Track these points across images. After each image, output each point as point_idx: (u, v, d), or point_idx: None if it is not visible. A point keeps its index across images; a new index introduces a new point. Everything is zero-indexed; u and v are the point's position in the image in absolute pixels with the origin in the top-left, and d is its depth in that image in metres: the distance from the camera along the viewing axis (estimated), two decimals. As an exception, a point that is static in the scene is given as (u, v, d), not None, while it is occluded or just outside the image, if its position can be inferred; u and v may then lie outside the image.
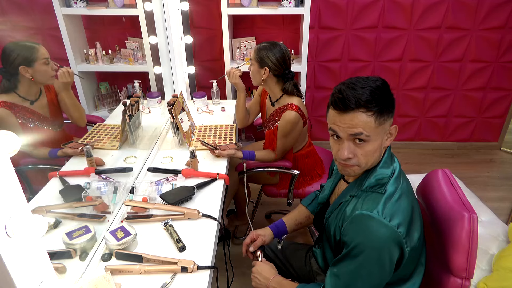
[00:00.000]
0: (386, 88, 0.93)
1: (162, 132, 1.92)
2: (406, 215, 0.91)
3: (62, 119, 1.43)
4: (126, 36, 2.31)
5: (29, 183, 1.22)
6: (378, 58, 2.88)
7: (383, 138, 0.95)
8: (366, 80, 0.92)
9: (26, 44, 1.20)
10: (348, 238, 0.92)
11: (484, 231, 1.75)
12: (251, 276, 1.22)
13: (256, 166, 1.85)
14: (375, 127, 0.90)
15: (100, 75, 2.26)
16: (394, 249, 0.89)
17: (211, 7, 2.66)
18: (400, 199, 0.92)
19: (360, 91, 0.89)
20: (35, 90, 1.27)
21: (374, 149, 0.94)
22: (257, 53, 1.74)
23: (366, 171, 1.00)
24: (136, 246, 1.17)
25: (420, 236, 0.98)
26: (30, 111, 1.24)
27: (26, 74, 1.17)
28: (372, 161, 0.96)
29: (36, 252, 0.69)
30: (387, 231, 0.88)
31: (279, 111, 1.79)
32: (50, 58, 1.25)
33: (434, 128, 3.19)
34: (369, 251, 0.89)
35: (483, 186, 2.77)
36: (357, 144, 0.93)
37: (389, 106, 0.92)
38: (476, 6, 2.66)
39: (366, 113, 0.89)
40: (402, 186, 0.95)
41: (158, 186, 1.45)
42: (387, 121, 0.93)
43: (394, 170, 0.98)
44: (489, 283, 1.45)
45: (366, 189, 0.96)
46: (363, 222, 0.90)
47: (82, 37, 2.01)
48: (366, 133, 0.90)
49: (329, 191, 1.18)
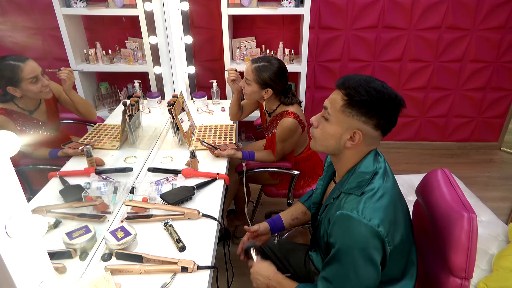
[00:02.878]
0: (381, 99, 0.92)
1: (162, 132, 1.92)
2: (387, 214, 0.91)
3: (59, 121, 1.42)
4: (126, 36, 2.31)
5: (29, 183, 1.22)
6: (378, 58, 2.88)
7: (343, 132, 0.96)
8: (377, 82, 0.96)
9: (10, 63, 1.12)
10: (333, 239, 0.94)
11: (484, 231, 1.75)
12: (250, 277, 1.21)
13: (256, 167, 1.85)
14: (338, 111, 0.95)
15: (100, 75, 2.26)
16: (376, 247, 0.90)
17: (211, 7, 2.66)
18: (382, 198, 0.93)
19: (353, 78, 0.95)
20: (34, 102, 1.24)
21: (330, 133, 0.98)
22: (257, 75, 1.69)
23: (348, 171, 1.02)
24: (136, 246, 1.17)
25: (405, 235, 0.98)
26: (30, 118, 1.23)
27: (15, 93, 1.13)
28: (326, 144, 1.01)
29: (36, 252, 0.69)
30: (366, 230, 0.88)
31: (276, 118, 1.79)
32: (42, 72, 1.18)
33: (434, 128, 3.19)
34: (352, 252, 0.90)
35: (483, 186, 2.77)
36: (323, 120, 1.00)
37: (365, 108, 0.92)
38: (476, 6, 2.66)
39: (343, 95, 0.95)
40: (385, 185, 0.96)
41: (158, 186, 1.45)
42: (354, 118, 0.94)
43: (377, 171, 0.98)
44: (489, 283, 1.45)
45: (346, 190, 0.97)
46: (344, 223, 0.91)
47: (82, 37, 2.01)
48: (330, 111, 0.97)
49: (321, 192, 1.19)
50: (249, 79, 1.72)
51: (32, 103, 1.23)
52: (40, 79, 1.18)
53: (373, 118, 0.93)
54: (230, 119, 2.06)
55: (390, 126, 0.97)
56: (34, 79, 1.16)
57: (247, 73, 1.72)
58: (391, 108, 0.94)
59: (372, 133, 0.96)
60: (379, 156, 1.02)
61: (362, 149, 0.99)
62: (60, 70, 1.30)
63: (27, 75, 1.14)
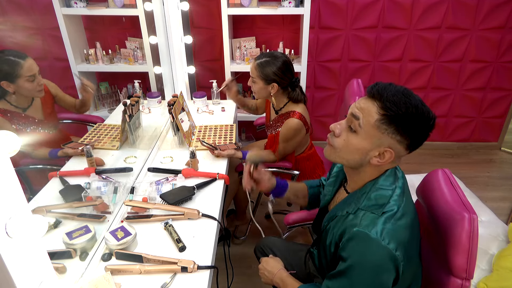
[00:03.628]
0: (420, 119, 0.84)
1: (162, 132, 1.92)
2: (405, 235, 0.88)
3: (57, 118, 1.42)
4: (126, 36, 2.31)
5: (29, 183, 1.22)
6: (378, 58, 2.88)
7: (372, 149, 0.89)
8: (415, 98, 0.86)
9: (11, 58, 1.13)
10: (345, 254, 0.90)
11: (484, 231, 1.75)
12: (259, 273, 1.25)
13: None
14: (372, 126, 0.86)
15: (100, 75, 2.26)
16: (390, 271, 0.86)
17: (211, 7, 2.66)
18: (401, 219, 0.89)
19: (392, 90, 0.85)
20: (26, 99, 1.24)
21: (357, 147, 0.89)
22: (260, 71, 1.69)
23: (365, 185, 0.95)
24: (136, 246, 1.17)
25: (418, 252, 0.97)
26: (24, 116, 1.23)
27: (8, 89, 1.12)
28: (347, 158, 0.93)
29: (36, 252, 0.69)
30: (384, 253, 0.85)
31: (282, 117, 1.79)
32: (39, 71, 1.18)
33: (434, 128, 3.18)
34: (364, 271, 0.87)
35: (483, 186, 2.77)
36: (349, 130, 0.91)
37: (404, 126, 0.84)
38: (476, 6, 2.66)
39: (379, 108, 0.85)
40: (404, 205, 0.91)
41: (158, 186, 1.45)
42: (389, 136, 0.86)
43: (397, 187, 0.93)
44: (489, 283, 1.45)
45: (364, 207, 0.91)
46: (361, 241, 0.87)
47: (82, 37, 2.01)
48: (362, 122, 0.87)
49: (330, 198, 1.14)
50: (254, 77, 1.73)
51: (24, 100, 1.22)
52: (37, 78, 1.19)
53: (408, 137, 0.86)
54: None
55: (419, 145, 0.90)
56: (32, 78, 1.17)
57: (252, 71, 1.74)
58: (427, 130, 0.87)
59: (402, 153, 0.89)
60: (397, 170, 0.97)
61: (386, 166, 0.93)
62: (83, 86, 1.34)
63: (26, 72, 1.14)
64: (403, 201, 0.91)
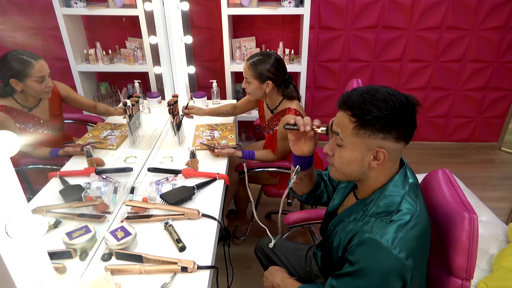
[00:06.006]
0: (392, 110, 0.84)
1: (162, 132, 1.92)
2: (417, 245, 0.87)
3: (62, 120, 1.42)
4: (126, 36, 2.31)
5: (29, 183, 1.22)
6: (378, 58, 2.88)
7: (364, 155, 0.89)
8: (381, 91, 0.86)
9: (24, 58, 1.15)
10: (354, 258, 0.89)
11: (484, 231, 1.75)
12: (263, 279, 1.27)
13: (256, 166, 1.85)
14: (351, 135, 0.87)
15: (100, 75, 2.26)
16: (398, 280, 0.86)
17: (211, 7, 2.66)
18: (414, 228, 0.87)
19: (355, 95, 0.86)
20: (33, 99, 1.24)
21: (350, 159, 0.90)
22: (253, 70, 1.69)
23: (375, 191, 0.94)
24: (136, 246, 1.17)
25: (427, 258, 0.96)
26: (30, 115, 1.23)
27: (16, 87, 1.14)
28: (348, 171, 0.93)
29: (36, 252, 0.69)
30: (394, 262, 0.84)
31: (278, 115, 1.79)
32: (49, 74, 1.20)
33: (434, 128, 3.19)
34: (372, 278, 0.86)
35: (483, 186, 2.77)
36: (337, 146, 0.92)
37: (379, 124, 0.84)
38: (476, 6, 2.66)
39: (350, 117, 0.86)
40: (418, 214, 0.89)
41: (158, 186, 1.45)
42: (371, 137, 0.86)
43: (407, 193, 0.91)
44: (489, 283, 1.45)
45: (373, 215, 0.90)
46: (372, 248, 0.86)
47: (82, 37, 2.01)
48: (342, 136, 0.89)
49: (339, 203, 1.13)
50: (248, 77, 1.72)
51: (31, 99, 1.23)
52: (46, 80, 1.20)
53: (391, 131, 0.85)
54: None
55: (412, 132, 0.89)
56: (41, 79, 1.18)
57: (245, 71, 1.73)
58: (407, 114, 0.86)
59: (395, 146, 0.88)
60: (408, 174, 0.95)
61: (388, 165, 0.92)
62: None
63: (36, 73, 1.16)
64: (417, 210, 0.90)
